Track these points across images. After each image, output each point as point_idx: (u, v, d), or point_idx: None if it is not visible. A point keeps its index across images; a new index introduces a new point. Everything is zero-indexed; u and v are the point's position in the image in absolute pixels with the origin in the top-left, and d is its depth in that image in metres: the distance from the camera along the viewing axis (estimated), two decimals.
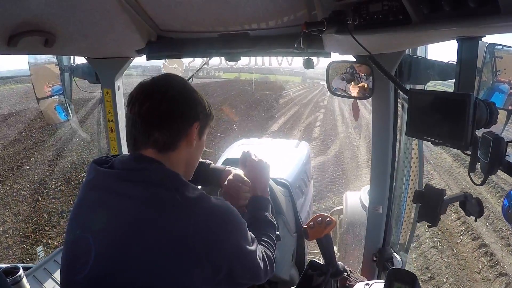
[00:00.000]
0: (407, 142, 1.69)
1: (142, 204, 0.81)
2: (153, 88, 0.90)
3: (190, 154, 0.94)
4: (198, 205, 0.82)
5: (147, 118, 0.87)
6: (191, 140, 0.92)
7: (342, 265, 1.28)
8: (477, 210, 0.99)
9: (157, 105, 0.87)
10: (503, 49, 1.09)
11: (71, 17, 1.16)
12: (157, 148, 0.88)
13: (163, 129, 0.87)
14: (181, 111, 0.89)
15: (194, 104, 0.92)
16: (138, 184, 0.83)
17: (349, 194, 3.01)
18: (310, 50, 1.41)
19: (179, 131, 0.89)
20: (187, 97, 0.92)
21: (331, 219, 1.21)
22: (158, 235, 0.78)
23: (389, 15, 0.90)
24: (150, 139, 0.87)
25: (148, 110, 0.87)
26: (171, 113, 0.88)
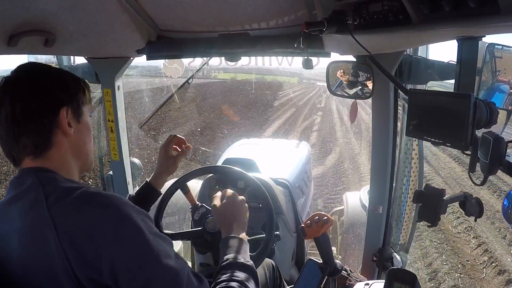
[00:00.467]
0: (408, 142, 1.69)
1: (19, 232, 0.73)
2: (3, 91, 0.80)
3: (73, 144, 0.85)
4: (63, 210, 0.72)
5: (8, 125, 0.78)
6: (65, 129, 0.82)
7: (340, 264, 1.28)
8: (477, 210, 0.99)
9: (10, 110, 0.77)
10: (503, 49, 1.09)
11: (71, 17, 1.16)
12: (32, 154, 0.80)
13: (27, 132, 0.78)
14: (37, 105, 0.79)
15: (52, 90, 0.82)
16: (16, 215, 0.75)
17: (348, 194, 3.01)
18: (310, 50, 1.41)
19: (46, 126, 0.80)
20: (40, 85, 0.81)
21: (328, 218, 1.21)
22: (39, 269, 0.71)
23: (389, 15, 0.90)
24: (21, 148, 0.79)
25: (6, 116, 0.78)
26: (28, 112, 0.78)
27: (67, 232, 0.69)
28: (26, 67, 0.84)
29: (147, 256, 0.72)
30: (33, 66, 0.85)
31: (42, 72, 0.84)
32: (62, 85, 0.84)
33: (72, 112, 0.84)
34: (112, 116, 1.85)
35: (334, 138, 11.32)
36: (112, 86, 1.78)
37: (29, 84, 0.80)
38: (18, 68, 0.83)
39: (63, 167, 0.82)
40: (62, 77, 0.85)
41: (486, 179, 0.85)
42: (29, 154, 0.80)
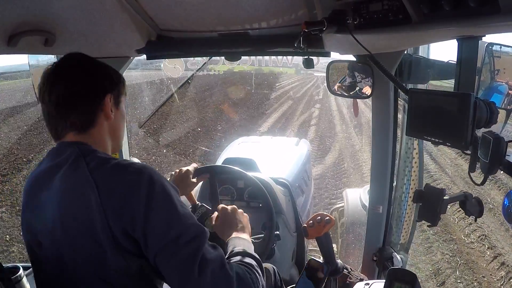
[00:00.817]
0: (408, 142, 1.69)
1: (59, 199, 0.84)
2: (56, 74, 0.92)
3: (111, 126, 0.97)
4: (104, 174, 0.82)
5: (59, 104, 0.90)
6: (108, 113, 0.94)
7: (342, 264, 1.28)
8: (477, 210, 0.99)
9: (64, 89, 0.89)
10: (502, 49, 1.09)
11: (71, 17, 1.16)
12: (77, 130, 0.91)
13: (77, 110, 0.90)
14: (89, 88, 0.92)
15: (100, 78, 0.95)
16: (57, 179, 0.86)
17: (349, 191, 3.01)
18: (310, 50, 1.41)
19: (93, 107, 0.92)
20: (90, 73, 0.94)
21: (330, 218, 1.21)
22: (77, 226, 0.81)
23: (389, 15, 0.90)
24: (68, 123, 0.90)
25: (58, 96, 0.89)
26: (80, 93, 0.90)
27: (107, 191, 0.80)
28: (76, 56, 0.96)
29: (175, 216, 0.81)
30: (82, 56, 0.97)
31: (90, 62, 0.96)
32: (107, 75, 0.97)
33: (113, 99, 0.96)
34: None
35: (334, 133, 10.56)
36: None
37: (80, 71, 0.93)
38: (69, 56, 0.96)
39: (100, 145, 0.94)
40: (106, 68, 0.98)
41: (486, 178, 0.85)
42: (73, 130, 0.91)
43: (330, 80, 1.57)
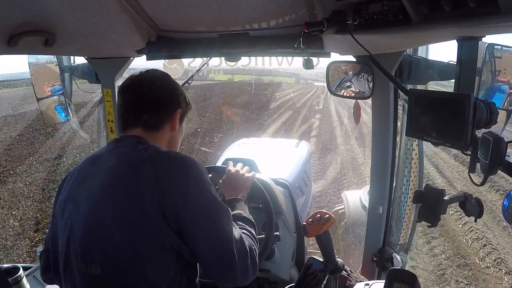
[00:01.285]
0: (408, 142, 1.69)
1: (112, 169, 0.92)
2: (142, 79, 1.05)
3: (172, 136, 1.08)
4: (160, 157, 0.93)
5: (138, 103, 1.02)
6: (174, 124, 1.06)
7: (341, 262, 1.28)
8: (477, 210, 0.99)
9: (146, 93, 1.02)
10: (503, 49, 1.09)
11: (71, 17, 1.16)
12: (145, 127, 1.02)
13: (151, 112, 1.02)
14: (167, 98, 1.05)
15: (177, 94, 1.07)
16: (113, 157, 0.95)
17: (348, 193, 3.01)
18: (310, 50, 1.41)
19: (165, 115, 1.04)
20: (171, 87, 1.07)
21: (330, 216, 1.21)
22: (125, 193, 0.88)
23: (389, 15, 0.90)
24: (140, 121, 1.01)
25: (139, 97, 1.02)
26: (158, 100, 1.03)
27: (161, 169, 0.89)
28: (159, 71, 1.10)
29: (214, 204, 0.92)
30: (161, 72, 1.10)
31: (173, 80, 1.11)
32: (182, 93, 1.10)
33: (181, 115, 1.09)
34: (112, 116, 1.85)
35: (335, 145, 10.01)
36: (112, 86, 1.78)
37: (166, 82, 1.08)
38: (157, 69, 1.10)
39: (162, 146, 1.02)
40: (183, 90, 1.12)
41: (486, 179, 0.85)
42: (142, 126, 1.01)
43: (330, 80, 1.57)
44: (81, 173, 0.99)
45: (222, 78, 25.15)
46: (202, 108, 14.68)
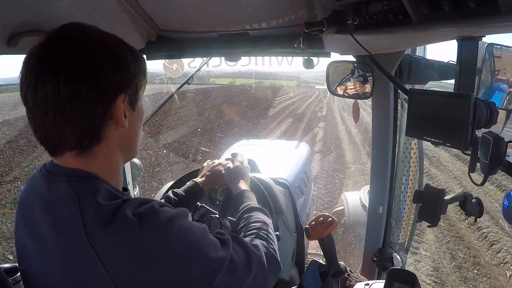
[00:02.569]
0: (406, 142, 1.69)
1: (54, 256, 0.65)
2: (44, 61, 0.62)
3: (125, 135, 0.71)
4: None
5: (46, 111, 0.62)
6: (120, 120, 0.67)
7: (344, 265, 1.28)
8: (477, 210, 0.99)
9: (53, 89, 0.61)
10: (502, 49, 1.09)
11: (71, 17, 1.16)
12: (75, 149, 0.66)
13: (73, 120, 0.63)
14: (91, 87, 0.63)
15: (109, 71, 0.64)
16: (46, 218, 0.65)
17: (348, 194, 3.01)
18: (310, 50, 1.41)
19: (97, 116, 0.65)
20: (96, 63, 0.63)
21: (333, 219, 1.21)
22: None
23: (389, 15, 0.90)
24: (62, 139, 0.64)
25: (46, 99, 0.61)
26: (77, 96, 0.62)
27: (117, 266, 0.60)
28: (73, 33, 0.65)
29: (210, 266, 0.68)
30: (82, 31, 0.66)
31: (95, 42, 0.65)
32: (121, 64, 0.67)
33: (128, 99, 0.69)
34: None
35: (343, 164, 8.22)
36: None
37: (86, 55, 0.63)
38: (63, 30, 0.65)
39: (108, 166, 0.70)
40: (121, 52, 0.67)
41: (486, 179, 0.85)
42: (72, 148, 0.66)
43: (330, 80, 1.57)
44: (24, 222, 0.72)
45: (223, 82, 25.13)
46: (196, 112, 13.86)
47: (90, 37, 0.65)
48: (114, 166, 0.72)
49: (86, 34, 0.65)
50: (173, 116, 12.40)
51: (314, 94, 24.89)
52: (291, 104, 19.42)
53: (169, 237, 0.63)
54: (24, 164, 7.41)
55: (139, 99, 0.74)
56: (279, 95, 22.92)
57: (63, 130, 0.63)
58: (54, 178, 0.67)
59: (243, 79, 23.97)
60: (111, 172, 0.71)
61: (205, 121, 12.94)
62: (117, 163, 0.73)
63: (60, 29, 0.65)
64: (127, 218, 0.61)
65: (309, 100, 22.08)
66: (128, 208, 0.62)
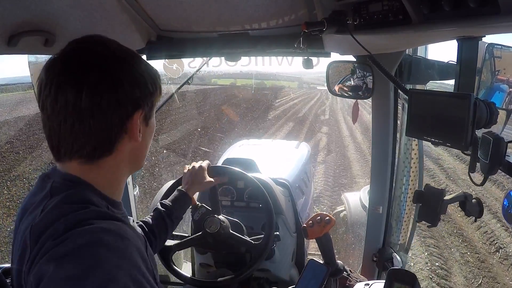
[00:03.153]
0: (407, 142, 1.69)
1: None
2: (66, 71, 0.63)
3: (135, 149, 0.73)
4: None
5: (64, 119, 0.63)
6: (135, 135, 0.69)
7: (342, 264, 1.28)
8: (477, 210, 0.99)
9: (75, 98, 0.62)
10: (502, 49, 1.09)
11: (71, 17, 1.16)
12: (84, 158, 0.66)
13: (89, 132, 0.64)
14: (112, 101, 0.64)
15: (130, 87, 0.66)
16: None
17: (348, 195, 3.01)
18: (310, 50, 1.41)
19: (114, 129, 0.66)
20: (118, 78, 0.65)
21: (331, 218, 1.21)
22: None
23: (389, 15, 0.90)
24: (74, 148, 0.65)
25: (65, 108, 0.62)
26: (97, 108, 0.63)
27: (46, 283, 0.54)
28: (97, 46, 0.68)
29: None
30: (105, 44, 0.69)
31: (122, 55, 0.68)
32: (142, 81, 0.69)
33: (144, 115, 0.71)
34: None
35: (351, 179, 7.21)
36: None
37: (109, 68, 0.65)
38: (86, 43, 0.68)
39: (110, 177, 0.70)
40: (139, 69, 0.69)
41: (486, 179, 0.85)
42: (81, 157, 0.66)
43: (330, 80, 1.57)
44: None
45: (225, 83, 25.11)
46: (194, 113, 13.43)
47: (110, 51, 0.68)
48: (117, 177, 0.73)
49: (107, 48, 0.68)
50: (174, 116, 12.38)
51: (316, 96, 24.22)
52: (292, 106, 18.67)
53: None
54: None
55: (153, 115, 0.76)
56: (279, 97, 22.48)
57: (79, 139, 0.64)
58: (48, 180, 0.68)
59: (245, 80, 23.98)
60: (111, 183, 0.71)
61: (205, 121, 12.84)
62: (121, 175, 0.74)
63: (81, 41, 0.69)
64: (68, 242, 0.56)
65: (311, 102, 21.27)
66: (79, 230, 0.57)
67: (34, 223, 0.61)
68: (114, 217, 0.65)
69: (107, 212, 0.65)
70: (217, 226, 1.38)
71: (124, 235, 0.60)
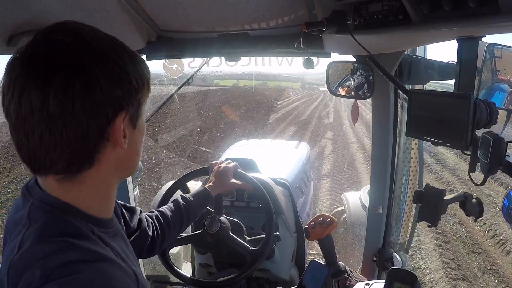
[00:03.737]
0: (407, 142, 1.70)
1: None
2: (29, 71, 0.52)
3: (123, 156, 0.61)
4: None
5: (32, 129, 0.53)
6: (119, 142, 0.58)
7: (343, 265, 1.28)
8: (477, 210, 0.99)
9: (41, 104, 0.51)
10: (503, 49, 1.09)
11: (71, 17, 1.15)
12: (61, 174, 0.56)
13: (62, 144, 0.53)
14: (87, 104, 0.53)
15: (110, 86, 0.55)
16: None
17: (347, 194, 3.01)
18: (310, 50, 1.41)
19: (92, 138, 0.55)
20: (92, 75, 0.53)
21: (333, 219, 1.21)
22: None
23: (389, 15, 0.90)
24: (47, 163, 0.55)
25: (30, 115, 0.52)
26: (69, 114, 0.52)
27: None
28: (68, 36, 0.54)
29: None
30: (77, 33, 0.56)
31: (92, 50, 0.55)
32: (122, 78, 0.57)
33: (129, 117, 0.60)
34: None
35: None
36: None
37: (73, 70, 0.52)
38: (53, 35, 0.54)
39: (94, 192, 0.61)
40: (121, 62, 0.57)
41: (486, 179, 0.85)
42: (57, 173, 0.56)
43: (330, 80, 1.57)
44: None
45: (227, 84, 25.05)
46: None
47: (84, 42, 0.55)
48: (104, 191, 0.63)
49: (80, 38, 0.55)
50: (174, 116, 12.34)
51: (319, 97, 23.50)
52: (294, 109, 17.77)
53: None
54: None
55: (141, 115, 0.64)
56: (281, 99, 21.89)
57: (50, 152, 0.54)
58: (28, 197, 0.60)
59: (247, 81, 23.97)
60: (97, 200, 0.62)
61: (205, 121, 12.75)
62: (108, 188, 0.64)
63: (49, 30, 0.55)
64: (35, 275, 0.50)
65: (314, 104, 20.41)
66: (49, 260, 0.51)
67: (12, 261, 0.53)
68: (99, 256, 0.55)
69: (92, 250, 0.55)
70: (217, 227, 1.37)
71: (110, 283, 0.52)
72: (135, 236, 1.01)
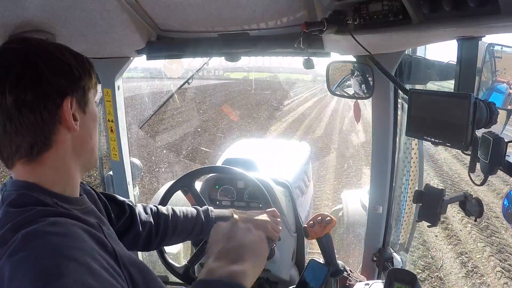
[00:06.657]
0: (407, 142, 1.70)
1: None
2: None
3: (77, 139, 0.72)
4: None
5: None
6: (70, 123, 0.69)
7: (342, 264, 1.28)
8: (477, 210, 0.99)
9: (0, 99, 0.64)
10: (503, 49, 1.09)
11: (71, 17, 1.16)
12: (25, 158, 0.67)
13: (21, 130, 0.65)
14: (38, 94, 0.65)
15: (52, 76, 0.67)
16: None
17: (347, 193, 3.01)
18: (310, 50, 1.41)
19: (46, 122, 0.67)
20: (39, 69, 0.66)
21: (331, 218, 1.21)
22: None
23: (389, 15, 0.90)
24: (13, 149, 0.66)
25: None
26: (24, 103, 0.64)
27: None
28: (14, 46, 0.68)
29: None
30: (23, 44, 0.69)
31: (38, 50, 0.68)
32: (64, 69, 0.70)
33: (77, 102, 0.71)
34: (112, 116, 1.85)
35: None
36: (112, 86, 1.78)
37: (23, 67, 0.65)
38: (9, 45, 0.69)
39: (57, 173, 0.70)
40: (63, 57, 0.70)
41: (486, 179, 0.85)
42: (22, 156, 0.67)
43: (330, 80, 1.57)
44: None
45: (238, 76, 24.77)
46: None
47: (32, 45, 0.69)
48: (64, 171, 0.71)
49: (30, 44, 0.69)
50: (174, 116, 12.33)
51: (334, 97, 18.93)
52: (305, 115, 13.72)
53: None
54: None
55: (90, 101, 0.75)
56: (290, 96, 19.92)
57: (14, 139, 0.66)
58: (4, 189, 0.69)
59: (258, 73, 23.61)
60: (59, 179, 0.70)
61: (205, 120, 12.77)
62: (68, 169, 0.72)
63: (7, 42, 0.70)
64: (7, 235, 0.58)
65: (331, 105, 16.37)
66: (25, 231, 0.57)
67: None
68: (61, 213, 0.64)
69: (55, 209, 0.64)
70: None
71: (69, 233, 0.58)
72: (123, 226, 1.03)
